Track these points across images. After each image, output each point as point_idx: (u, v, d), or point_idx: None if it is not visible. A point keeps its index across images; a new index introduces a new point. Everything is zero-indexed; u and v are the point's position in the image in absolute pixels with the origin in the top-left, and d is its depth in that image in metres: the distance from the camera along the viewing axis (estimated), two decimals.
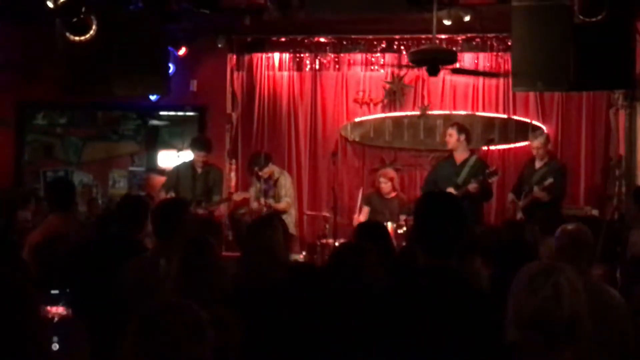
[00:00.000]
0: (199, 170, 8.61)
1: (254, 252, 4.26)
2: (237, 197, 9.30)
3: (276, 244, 4.27)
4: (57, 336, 2.41)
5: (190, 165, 8.69)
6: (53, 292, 2.70)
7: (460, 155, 8.36)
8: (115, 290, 4.06)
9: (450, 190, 7.65)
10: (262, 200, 8.76)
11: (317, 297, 3.57)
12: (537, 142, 8.36)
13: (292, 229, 8.86)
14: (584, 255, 4.07)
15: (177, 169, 8.86)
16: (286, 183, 8.91)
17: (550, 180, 7.86)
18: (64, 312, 2.66)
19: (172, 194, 8.34)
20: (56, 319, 2.63)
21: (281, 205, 8.73)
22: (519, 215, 8.08)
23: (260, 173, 8.77)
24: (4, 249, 4.40)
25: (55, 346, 2.41)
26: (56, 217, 5.56)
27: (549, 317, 2.25)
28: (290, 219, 8.81)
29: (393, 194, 8.96)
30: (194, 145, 8.72)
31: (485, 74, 9.82)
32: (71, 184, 5.98)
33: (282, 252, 4.33)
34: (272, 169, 8.87)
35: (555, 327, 2.26)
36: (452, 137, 8.40)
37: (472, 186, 7.86)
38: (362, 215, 8.68)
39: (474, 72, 9.83)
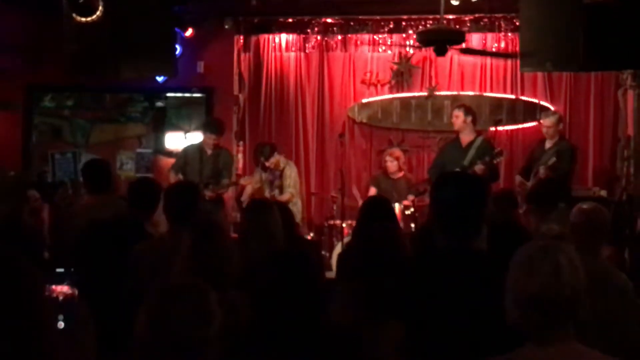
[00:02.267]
0: (208, 152, 8.59)
1: (252, 234, 4.28)
2: (245, 181, 9.30)
3: (273, 225, 4.28)
4: (63, 315, 2.44)
5: (199, 148, 8.67)
6: (58, 270, 2.73)
7: (466, 137, 8.33)
8: (125, 272, 4.07)
9: None
10: (267, 192, 8.77)
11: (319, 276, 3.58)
12: (547, 121, 8.29)
13: (298, 219, 8.86)
14: (598, 235, 4.06)
15: (186, 151, 8.83)
16: (291, 174, 8.88)
17: (553, 159, 7.82)
18: (69, 291, 2.68)
19: (180, 176, 8.36)
20: (61, 297, 2.65)
21: (285, 197, 8.71)
22: None
23: (266, 164, 8.77)
24: (12, 230, 4.43)
25: (61, 325, 2.43)
26: (90, 198, 5.58)
27: (550, 295, 2.25)
28: (295, 209, 8.79)
29: (400, 174, 8.96)
30: (206, 128, 8.69)
31: (494, 54, 9.76)
32: (105, 167, 5.95)
33: (280, 234, 4.33)
34: (277, 158, 8.84)
35: (556, 306, 2.26)
36: (459, 118, 8.38)
37: (479, 167, 7.82)
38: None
39: (483, 52, 9.78)
